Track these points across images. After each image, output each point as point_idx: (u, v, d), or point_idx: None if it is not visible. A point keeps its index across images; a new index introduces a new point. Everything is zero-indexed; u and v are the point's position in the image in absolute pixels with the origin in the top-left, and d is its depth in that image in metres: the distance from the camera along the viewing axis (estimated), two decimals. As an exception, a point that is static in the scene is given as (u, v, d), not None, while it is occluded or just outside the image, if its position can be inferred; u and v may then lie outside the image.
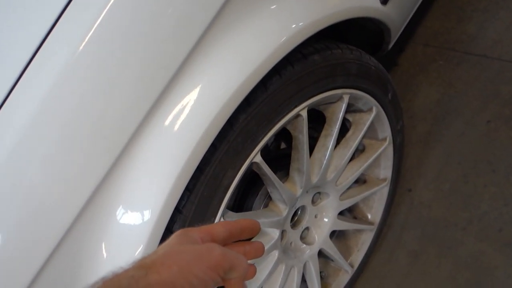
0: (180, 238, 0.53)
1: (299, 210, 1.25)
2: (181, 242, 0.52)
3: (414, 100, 1.81)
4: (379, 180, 1.40)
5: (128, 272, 0.46)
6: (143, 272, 0.46)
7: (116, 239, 0.81)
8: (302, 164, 1.06)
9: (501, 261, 1.41)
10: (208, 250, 0.51)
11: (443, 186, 1.60)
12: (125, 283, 0.44)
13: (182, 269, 0.48)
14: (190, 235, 0.54)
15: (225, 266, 0.50)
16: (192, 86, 0.79)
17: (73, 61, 0.69)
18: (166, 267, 0.47)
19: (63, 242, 0.74)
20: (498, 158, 1.57)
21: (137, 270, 0.46)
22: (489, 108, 1.67)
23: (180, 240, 0.52)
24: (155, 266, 0.47)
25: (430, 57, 1.89)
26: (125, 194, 0.80)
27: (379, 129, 1.29)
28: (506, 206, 1.48)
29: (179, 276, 0.47)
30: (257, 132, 0.90)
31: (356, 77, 1.08)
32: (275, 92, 0.90)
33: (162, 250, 0.50)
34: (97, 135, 0.73)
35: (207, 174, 0.84)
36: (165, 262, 0.48)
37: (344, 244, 1.48)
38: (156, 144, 0.79)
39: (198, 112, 0.79)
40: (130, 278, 0.45)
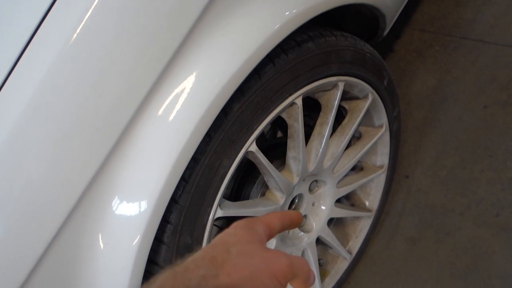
0: (248, 233, 0.53)
1: (296, 198, 1.25)
2: (249, 239, 0.52)
3: (411, 86, 1.80)
4: (376, 167, 1.40)
5: (200, 269, 0.46)
6: (214, 272, 0.46)
7: (112, 230, 0.81)
8: (298, 152, 1.06)
9: (499, 246, 1.42)
10: (277, 258, 0.50)
11: (440, 172, 1.61)
12: (194, 283, 0.44)
13: (252, 274, 0.47)
14: (256, 230, 0.54)
15: (289, 276, 0.51)
16: (186, 76, 0.79)
17: (65, 52, 0.69)
18: (238, 270, 0.47)
19: (59, 235, 0.74)
20: (495, 143, 1.57)
21: (208, 269, 0.46)
22: (486, 93, 1.67)
23: (248, 236, 0.52)
24: (227, 267, 0.47)
25: (426, 42, 1.88)
26: (121, 185, 0.80)
27: (375, 116, 1.29)
28: (503, 191, 1.49)
29: (248, 281, 0.47)
30: (252, 121, 0.89)
31: (351, 64, 1.08)
32: (269, 80, 0.90)
33: (235, 248, 0.50)
34: (90, 127, 0.73)
35: (203, 164, 0.84)
36: (237, 264, 0.47)
37: (342, 232, 1.49)
38: (151, 135, 0.78)
39: (192, 102, 0.78)
40: (201, 278, 0.45)
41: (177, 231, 0.87)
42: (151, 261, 0.87)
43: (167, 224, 0.85)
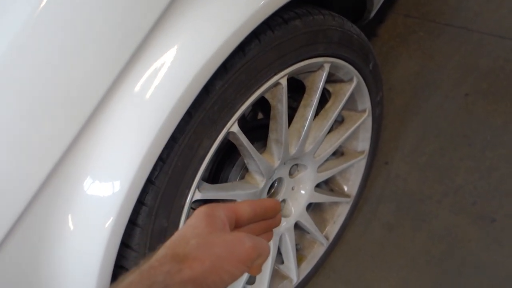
0: (209, 221, 0.52)
1: (276, 182, 1.22)
2: (211, 228, 0.52)
3: (393, 72, 1.78)
4: (357, 152, 1.38)
5: (163, 266, 0.47)
6: (177, 267, 0.47)
7: (84, 211, 0.77)
8: (281, 134, 1.03)
9: (475, 234, 1.42)
10: (240, 242, 0.51)
11: (419, 159, 1.60)
12: (160, 278, 0.45)
13: (215, 264, 0.48)
14: (217, 216, 0.53)
15: (254, 257, 0.51)
16: (166, 49, 0.74)
17: (34, 18, 0.63)
18: (199, 262, 0.48)
19: (25, 214, 0.69)
20: (475, 131, 1.57)
21: (172, 265, 0.47)
22: (468, 81, 1.66)
23: (209, 224, 0.52)
24: (188, 260, 0.48)
25: (410, 28, 1.86)
26: (93, 164, 0.75)
27: (358, 101, 1.26)
28: (481, 179, 1.49)
29: (211, 271, 0.48)
30: (235, 100, 0.85)
31: (338, 45, 1.04)
32: (254, 58, 0.85)
33: (194, 240, 0.50)
34: (61, 100, 0.68)
35: (182, 144, 0.80)
36: (198, 256, 0.48)
37: (319, 217, 1.47)
38: (127, 111, 0.73)
39: (172, 77, 0.73)
40: (166, 274, 0.46)
41: (153, 214, 0.83)
42: (125, 245, 0.83)
43: (142, 206, 0.81)
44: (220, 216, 0.53)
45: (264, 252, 0.53)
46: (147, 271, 0.46)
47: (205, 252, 0.49)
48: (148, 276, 0.45)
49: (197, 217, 0.53)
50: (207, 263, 0.48)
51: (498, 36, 1.71)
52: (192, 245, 0.49)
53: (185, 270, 0.47)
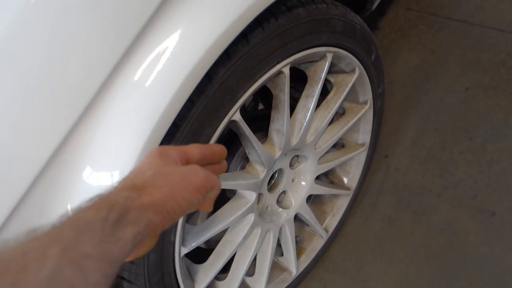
0: (162, 158, 0.55)
1: (276, 173, 1.21)
2: (165, 162, 0.54)
3: (394, 65, 1.78)
4: (357, 145, 1.38)
5: (123, 192, 0.47)
6: (136, 193, 0.48)
7: (83, 200, 0.75)
8: (282, 124, 1.02)
9: (474, 228, 1.42)
10: (194, 172, 0.53)
11: (419, 152, 1.60)
12: (121, 201, 0.45)
13: (172, 190, 0.50)
14: (170, 154, 0.55)
15: (208, 187, 0.53)
16: (168, 35, 0.72)
17: (32, 2, 0.61)
18: (157, 188, 0.49)
19: (22, 203, 0.68)
20: (475, 125, 1.57)
21: (131, 191, 0.48)
22: (469, 75, 1.66)
23: (163, 160, 0.54)
24: (147, 187, 0.49)
25: (411, 21, 1.85)
26: (93, 152, 0.74)
27: (360, 92, 1.25)
28: (481, 173, 1.49)
29: (169, 197, 0.49)
30: (237, 88, 0.84)
31: (341, 35, 1.03)
32: (256, 46, 0.84)
33: (150, 171, 0.52)
34: (59, 86, 0.66)
35: (183, 131, 0.79)
36: (156, 184, 0.50)
37: (319, 209, 1.46)
38: (128, 97, 0.72)
39: (174, 63, 0.72)
40: (126, 198, 0.46)
41: (153, 202, 0.82)
42: (125, 233, 0.81)
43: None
44: (172, 155, 0.56)
45: (216, 184, 0.56)
46: (107, 196, 0.46)
47: (162, 180, 0.51)
48: (109, 199, 0.45)
49: (151, 156, 0.55)
50: (165, 189, 0.49)
51: (499, 30, 1.71)
52: (149, 175, 0.51)
53: (144, 196, 0.48)
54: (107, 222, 0.43)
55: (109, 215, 0.43)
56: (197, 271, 1.08)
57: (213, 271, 1.08)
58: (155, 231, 0.49)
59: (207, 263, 1.09)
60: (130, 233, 0.45)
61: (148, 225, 0.47)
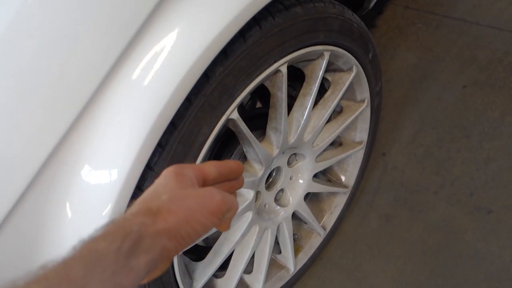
0: (178, 178, 0.53)
1: (274, 172, 1.21)
2: (181, 185, 0.53)
3: (392, 63, 1.78)
4: (355, 143, 1.38)
5: (138, 218, 0.47)
6: (151, 219, 0.47)
7: (81, 198, 0.76)
8: (280, 123, 1.02)
9: (471, 225, 1.43)
10: (210, 195, 0.52)
11: (417, 150, 1.60)
12: (135, 228, 0.45)
13: (187, 216, 0.49)
14: (186, 175, 0.54)
15: (224, 210, 0.52)
16: (166, 34, 0.73)
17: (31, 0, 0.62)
18: (172, 214, 0.48)
19: (22, 201, 0.68)
20: (472, 123, 1.57)
21: (146, 217, 0.47)
22: (466, 73, 1.66)
23: (179, 181, 0.53)
24: (162, 213, 0.48)
25: (409, 20, 1.85)
26: (91, 151, 0.74)
27: (357, 90, 1.25)
28: (478, 171, 1.50)
29: (184, 222, 0.49)
30: (235, 87, 0.84)
31: (338, 34, 1.03)
32: (254, 44, 0.84)
33: (166, 195, 0.51)
34: (58, 85, 0.66)
35: (181, 130, 0.79)
36: (171, 209, 0.49)
37: (317, 207, 1.47)
38: (126, 96, 0.72)
39: (172, 62, 0.72)
40: (140, 224, 0.46)
41: (151, 201, 0.82)
42: (123, 232, 0.82)
43: (141, 193, 0.80)
44: (189, 175, 0.55)
45: (233, 206, 0.55)
46: (121, 223, 0.45)
47: (177, 205, 0.50)
48: (123, 227, 0.45)
49: (166, 176, 0.54)
50: (180, 215, 0.49)
51: (496, 28, 1.71)
52: (165, 199, 0.50)
53: (159, 222, 0.47)
54: (121, 252, 0.43)
55: (123, 245, 0.43)
56: (195, 269, 1.09)
57: (211, 269, 1.08)
58: (169, 256, 0.48)
59: (205, 261, 1.10)
60: (144, 262, 0.44)
61: (162, 252, 0.47)
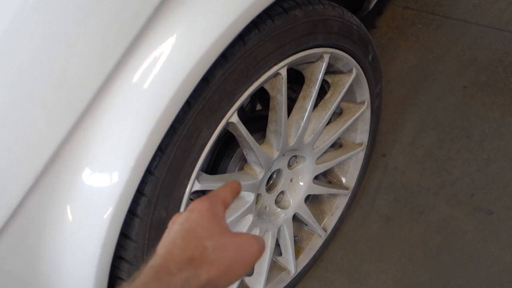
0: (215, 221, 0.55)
1: (274, 174, 1.22)
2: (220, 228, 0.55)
3: (392, 64, 1.78)
4: (355, 144, 1.38)
5: (182, 273, 0.49)
6: (195, 272, 0.49)
7: (82, 202, 0.76)
8: (280, 125, 1.02)
9: (472, 226, 1.43)
10: (250, 245, 0.54)
11: (417, 151, 1.60)
12: (179, 285, 0.47)
13: (229, 268, 0.52)
14: (219, 214, 0.57)
15: (259, 258, 0.55)
16: (165, 38, 0.73)
17: (31, 3, 0.62)
18: (215, 266, 0.51)
19: (23, 205, 0.69)
20: (473, 124, 1.57)
21: (190, 271, 0.49)
22: (466, 73, 1.66)
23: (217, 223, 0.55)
24: (206, 265, 0.50)
25: (409, 20, 1.85)
26: (92, 155, 0.74)
27: (357, 92, 1.25)
28: (478, 172, 1.49)
29: (224, 274, 0.51)
30: (235, 90, 0.84)
31: (338, 36, 1.03)
32: (253, 47, 0.84)
33: (209, 242, 0.52)
34: (58, 88, 0.67)
35: (181, 134, 0.79)
36: (214, 261, 0.51)
37: (318, 209, 1.47)
38: (126, 100, 0.73)
39: (171, 66, 0.73)
40: (184, 280, 0.48)
41: (152, 204, 0.82)
42: (124, 235, 0.82)
43: (141, 197, 0.80)
44: (220, 214, 0.57)
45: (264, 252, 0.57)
46: (166, 278, 0.47)
47: (220, 256, 0.52)
48: (167, 283, 0.47)
49: (202, 214, 0.55)
50: (222, 267, 0.51)
51: (497, 29, 1.71)
52: (209, 249, 0.51)
53: (203, 276, 0.49)
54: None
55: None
56: (196, 272, 1.09)
57: (212, 271, 1.08)
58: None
59: (206, 263, 1.09)
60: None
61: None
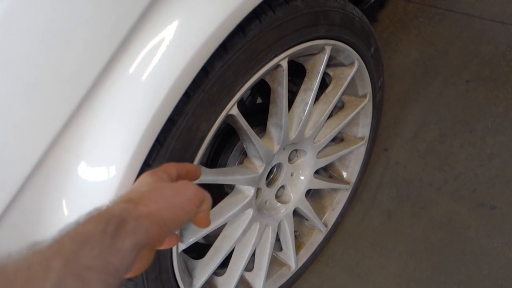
0: (153, 176, 0.60)
1: (274, 168, 1.20)
2: (157, 180, 0.59)
3: (393, 58, 1.76)
4: (356, 138, 1.36)
5: (119, 204, 0.50)
6: (133, 205, 0.51)
7: (78, 196, 0.74)
8: (281, 119, 1.00)
9: (474, 221, 1.41)
10: (185, 185, 0.58)
11: (419, 146, 1.58)
12: (118, 212, 0.48)
13: (168, 202, 0.54)
14: (159, 175, 0.61)
15: (200, 198, 0.58)
16: (163, 28, 0.71)
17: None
18: (153, 201, 0.53)
19: (17, 199, 0.67)
20: (476, 118, 1.56)
21: (127, 203, 0.51)
22: (469, 67, 1.64)
23: (154, 178, 0.60)
24: (143, 200, 0.52)
25: (411, 13, 1.83)
26: (88, 148, 0.72)
27: (359, 85, 1.23)
28: (481, 166, 1.48)
29: (165, 208, 0.53)
30: (235, 82, 0.83)
31: (340, 28, 1.01)
32: (254, 38, 0.82)
33: (144, 187, 0.56)
34: (53, 80, 0.65)
35: (180, 126, 0.77)
36: (152, 197, 0.53)
37: (318, 204, 1.46)
38: (123, 91, 0.71)
39: (169, 57, 0.71)
40: (123, 209, 0.49)
41: (150, 198, 0.80)
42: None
43: (139, 191, 0.79)
44: (160, 174, 0.62)
45: (207, 197, 0.60)
46: (104, 209, 0.48)
47: (156, 194, 0.55)
48: (106, 212, 0.48)
49: (142, 177, 0.61)
50: (160, 201, 0.53)
51: (500, 22, 1.69)
52: (144, 190, 0.55)
53: (141, 208, 0.50)
54: (106, 234, 0.45)
55: (107, 227, 0.45)
56: (195, 267, 1.07)
57: (212, 267, 1.07)
58: (153, 242, 0.50)
59: (205, 258, 1.08)
60: (129, 244, 0.46)
61: (146, 235, 0.48)
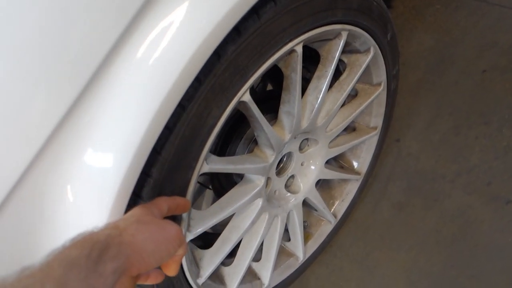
0: (144, 210, 0.64)
1: (285, 157, 1.17)
2: (145, 213, 0.63)
3: (408, 46, 1.71)
4: (369, 128, 1.33)
5: (105, 230, 0.54)
6: (118, 232, 0.54)
7: (84, 182, 0.71)
8: (293, 106, 0.97)
9: (488, 215, 1.38)
10: (169, 224, 0.62)
11: (432, 137, 1.54)
12: (102, 238, 0.51)
13: (152, 235, 0.58)
14: (151, 209, 0.65)
15: (181, 239, 0.62)
16: (173, 8, 0.67)
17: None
18: (138, 231, 0.57)
19: (20, 184, 0.65)
20: (492, 110, 1.51)
21: (112, 230, 0.54)
22: (486, 57, 1.60)
23: (145, 212, 0.63)
24: (129, 229, 0.56)
25: (426, 0, 1.78)
26: (94, 133, 0.70)
27: (374, 73, 1.20)
28: (496, 159, 1.44)
29: (148, 241, 0.57)
30: (247, 67, 0.79)
31: (357, 12, 0.97)
32: (268, 22, 0.79)
33: (133, 218, 0.60)
34: (58, 63, 0.62)
35: (190, 112, 0.74)
36: (138, 228, 0.57)
37: (328, 194, 1.43)
38: (131, 75, 0.68)
39: (180, 39, 0.67)
40: (107, 235, 0.52)
41: (157, 186, 0.78)
42: (127, 218, 0.78)
43: (147, 178, 0.76)
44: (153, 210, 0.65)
45: (185, 244, 0.64)
46: (89, 234, 0.52)
47: (143, 226, 0.58)
48: (91, 237, 0.51)
49: (135, 209, 0.65)
50: (146, 233, 0.57)
51: (519, 10, 1.64)
52: (132, 221, 0.59)
53: (125, 235, 0.54)
54: (90, 259, 0.49)
55: (92, 252, 0.49)
56: (202, 257, 1.05)
57: (219, 257, 1.04)
58: (132, 269, 0.54)
59: (213, 248, 1.06)
60: (110, 268, 0.50)
61: (127, 262, 0.52)
